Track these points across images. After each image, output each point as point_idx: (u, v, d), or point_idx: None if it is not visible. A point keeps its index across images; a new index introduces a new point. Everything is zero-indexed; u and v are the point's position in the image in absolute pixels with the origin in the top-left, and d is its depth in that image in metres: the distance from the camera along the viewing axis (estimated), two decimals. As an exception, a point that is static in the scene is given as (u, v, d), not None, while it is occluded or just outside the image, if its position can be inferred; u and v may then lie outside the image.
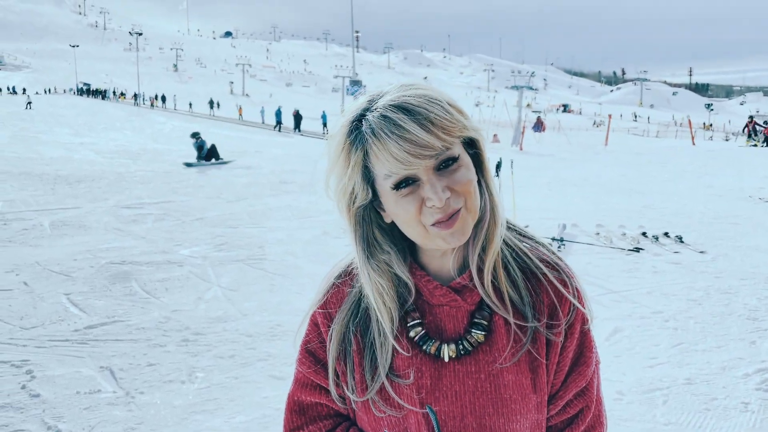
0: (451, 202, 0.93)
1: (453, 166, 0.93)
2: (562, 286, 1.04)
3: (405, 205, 0.94)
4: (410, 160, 0.90)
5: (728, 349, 4.75)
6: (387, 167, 0.92)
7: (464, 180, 0.94)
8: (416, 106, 0.91)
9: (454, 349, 1.01)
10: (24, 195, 11.30)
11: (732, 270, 6.91)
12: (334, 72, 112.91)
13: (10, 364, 4.35)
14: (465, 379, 1.01)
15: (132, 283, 6.27)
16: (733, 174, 15.84)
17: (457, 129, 0.93)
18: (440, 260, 1.04)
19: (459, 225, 0.94)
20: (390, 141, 0.90)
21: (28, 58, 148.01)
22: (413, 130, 0.89)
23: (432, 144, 0.90)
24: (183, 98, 73.64)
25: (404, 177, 0.92)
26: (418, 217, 0.94)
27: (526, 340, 1.01)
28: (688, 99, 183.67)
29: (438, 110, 0.91)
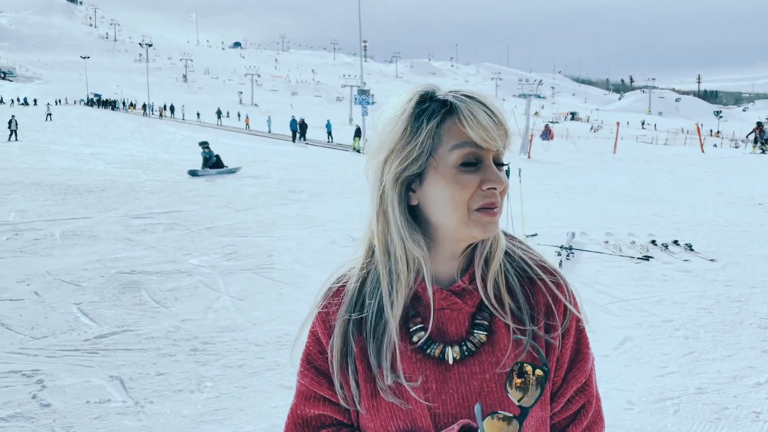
0: (498, 194, 0.99)
1: (501, 168, 1.01)
2: (557, 289, 1.08)
3: (464, 183, 0.97)
4: (494, 136, 0.96)
5: (739, 357, 4.71)
6: (474, 133, 0.96)
7: (506, 182, 0.99)
8: (494, 103, 0.99)
9: (458, 350, 1.02)
10: (35, 205, 11.40)
11: (743, 278, 6.86)
12: (342, 81, 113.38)
13: (21, 373, 4.38)
14: (470, 381, 1.02)
15: (142, 293, 6.30)
16: (742, 181, 15.75)
17: (509, 139, 1.00)
18: (447, 263, 1.05)
19: (497, 218, 1.00)
20: (480, 111, 0.96)
21: (40, 69, 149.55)
22: (499, 115, 0.98)
23: (507, 131, 0.99)
24: (192, 108, 74.13)
25: (475, 155, 0.97)
26: (467, 198, 0.97)
27: (526, 342, 1.03)
28: (696, 106, 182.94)
29: (503, 115, 0.99)
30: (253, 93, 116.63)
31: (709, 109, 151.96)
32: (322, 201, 12.70)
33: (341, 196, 13.37)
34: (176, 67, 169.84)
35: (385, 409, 1.03)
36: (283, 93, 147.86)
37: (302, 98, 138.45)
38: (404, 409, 1.02)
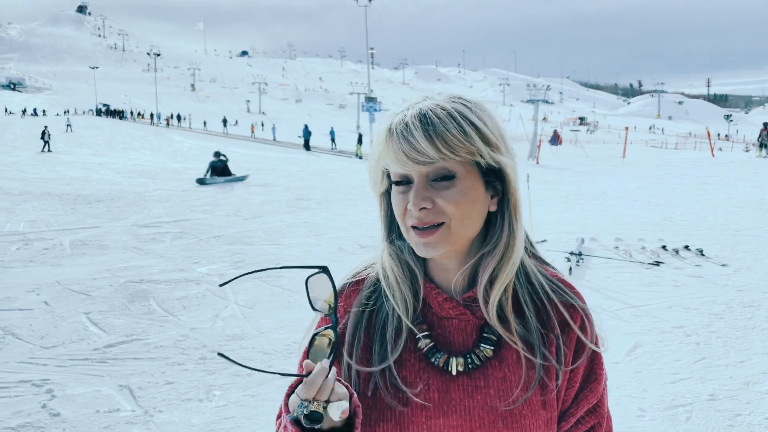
0: (430, 215, 0.96)
1: (444, 183, 0.96)
2: (572, 318, 1.04)
3: (397, 201, 1.00)
4: (404, 160, 0.95)
5: (752, 363, 4.66)
6: (387, 161, 0.98)
7: (452, 198, 0.96)
8: (434, 116, 0.95)
9: (462, 362, 1.01)
10: (45, 215, 11.47)
11: (754, 283, 6.79)
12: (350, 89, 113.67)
13: (31, 383, 4.39)
14: (474, 394, 1.00)
15: (150, 302, 6.32)
16: (753, 185, 15.63)
17: (464, 149, 0.95)
18: (444, 274, 1.05)
19: (434, 239, 0.97)
20: (395, 140, 0.96)
21: (49, 80, 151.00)
22: (416, 135, 0.94)
23: (427, 152, 0.93)
24: (200, 117, 74.53)
25: (402, 175, 0.98)
26: (403, 216, 0.99)
27: (537, 374, 1.01)
28: (706, 110, 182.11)
29: (452, 125, 0.94)
30: (260, 101, 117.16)
31: (719, 113, 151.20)
32: (329, 208, 12.70)
33: (348, 204, 13.38)
34: (184, 77, 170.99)
35: (378, 410, 1.01)
36: (290, 101, 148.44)
37: (310, 106, 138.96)
38: (397, 414, 1.00)
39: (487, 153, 0.97)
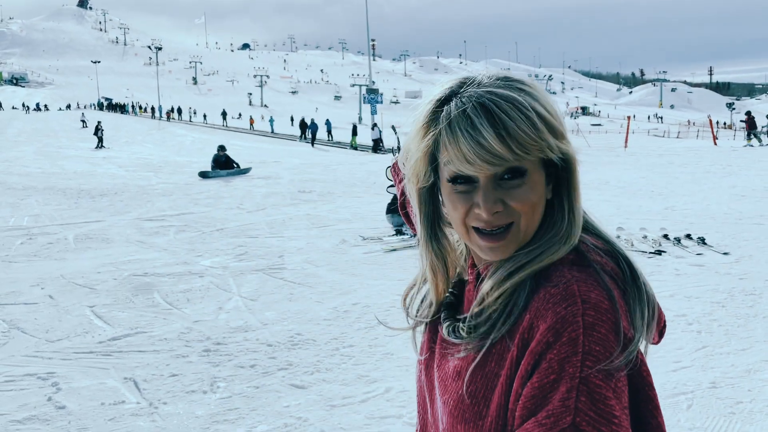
0: (501, 217, 0.89)
1: (515, 182, 0.89)
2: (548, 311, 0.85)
3: (455, 202, 0.92)
4: (477, 163, 0.87)
5: (753, 351, 4.67)
6: (453, 161, 0.89)
7: (523, 199, 0.89)
8: (499, 111, 0.87)
9: (447, 330, 0.98)
10: (48, 209, 11.51)
11: (756, 271, 6.80)
12: (351, 80, 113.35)
13: (36, 376, 4.43)
14: (442, 362, 1.00)
15: (154, 295, 6.35)
16: (755, 174, 15.59)
17: (537, 148, 0.88)
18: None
19: (503, 243, 0.91)
20: (462, 139, 0.87)
21: (51, 74, 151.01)
22: (488, 137, 0.86)
23: (503, 155, 0.86)
24: (203, 111, 74.49)
25: (462, 175, 0.90)
26: (463, 218, 0.91)
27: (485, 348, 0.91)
28: (708, 99, 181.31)
29: (522, 122, 0.86)
30: (262, 94, 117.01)
31: (721, 101, 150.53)
32: (331, 201, 12.72)
33: (351, 196, 13.39)
34: (186, 70, 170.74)
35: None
36: (294, 93, 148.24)
37: (313, 98, 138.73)
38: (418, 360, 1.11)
39: (556, 147, 0.90)
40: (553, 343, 0.82)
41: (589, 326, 0.83)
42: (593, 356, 0.81)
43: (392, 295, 6.04)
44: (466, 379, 0.92)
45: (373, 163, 21.10)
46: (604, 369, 0.81)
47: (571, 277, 0.88)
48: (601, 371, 0.81)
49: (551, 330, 0.83)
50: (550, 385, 0.81)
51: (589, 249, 0.94)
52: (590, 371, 0.81)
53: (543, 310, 0.86)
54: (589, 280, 0.88)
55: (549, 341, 0.83)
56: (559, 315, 0.84)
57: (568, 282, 0.87)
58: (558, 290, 0.86)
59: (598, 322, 0.83)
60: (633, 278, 0.92)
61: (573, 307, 0.84)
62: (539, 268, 0.91)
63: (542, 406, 0.81)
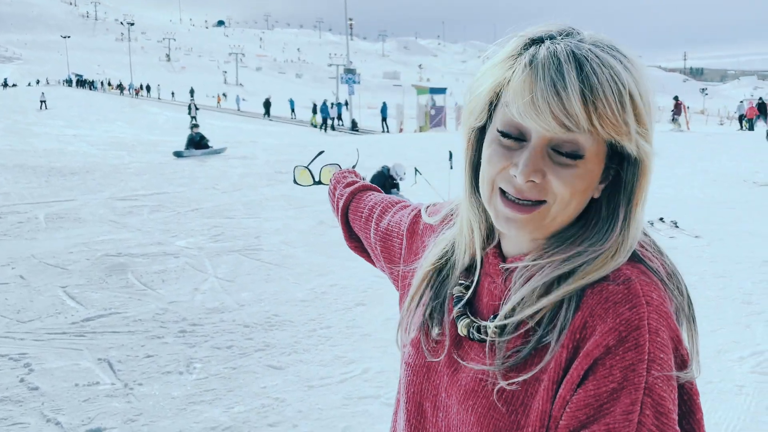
0: (534, 190, 0.79)
1: (569, 161, 0.78)
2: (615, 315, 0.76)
3: (493, 155, 0.81)
4: (546, 116, 0.75)
5: (723, 333, 4.78)
6: (518, 105, 0.77)
7: (570, 181, 0.78)
8: (594, 72, 0.75)
9: (466, 326, 0.88)
10: (18, 188, 11.25)
11: (727, 254, 6.94)
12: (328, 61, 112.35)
13: (8, 357, 4.35)
14: (468, 361, 0.88)
15: (128, 275, 6.27)
16: (728, 159, 15.87)
17: (615, 128, 0.76)
18: (509, 240, 0.90)
19: (526, 218, 0.80)
20: (542, 82, 0.75)
21: (20, 49, 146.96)
22: (572, 92, 0.74)
23: (578, 120, 0.75)
24: (176, 89, 73.28)
25: (517, 127, 0.79)
26: (494, 176, 0.81)
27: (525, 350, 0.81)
28: (681, 84, 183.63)
29: (612, 95, 0.75)
30: (237, 72, 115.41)
31: (695, 87, 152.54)
32: (309, 181, 12.63)
33: (328, 177, 13.31)
34: (159, 47, 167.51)
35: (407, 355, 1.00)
36: (268, 72, 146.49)
37: (290, 77, 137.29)
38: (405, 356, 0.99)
39: (635, 136, 0.78)
40: (614, 348, 0.74)
41: (654, 331, 0.74)
42: (658, 364, 0.74)
43: (371, 276, 6.04)
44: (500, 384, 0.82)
45: (350, 144, 21.00)
46: (666, 378, 0.74)
47: (631, 275, 0.79)
48: (665, 381, 0.74)
49: (613, 333, 0.74)
50: (609, 394, 0.73)
51: (644, 247, 0.85)
52: (655, 381, 0.73)
53: (601, 309, 0.77)
54: (650, 280, 0.79)
55: (609, 345, 0.74)
56: (623, 317, 0.75)
57: (629, 280, 0.78)
58: (618, 288, 0.77)
59: (661, 327, 0.75)
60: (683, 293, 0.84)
61: (638, 309, 0.75)
62: (587, 284, 0.79)
63: (599, 416, 0.73)
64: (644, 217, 0.84)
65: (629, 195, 0.82)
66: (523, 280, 0.84)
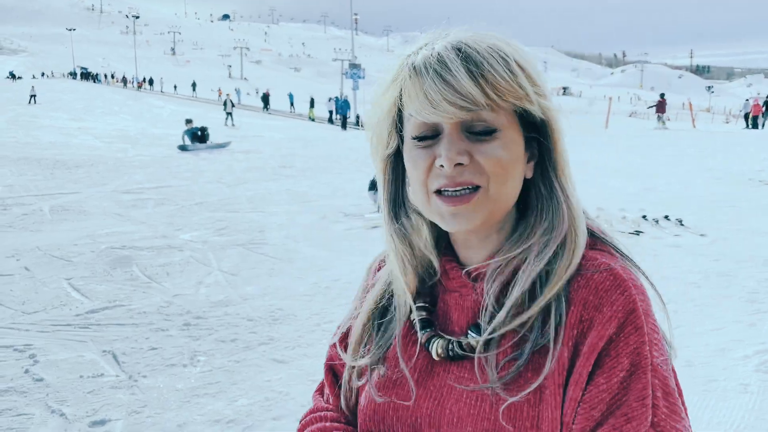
0: (465, 173, 0.78)
1: (486, 137, 0.78)
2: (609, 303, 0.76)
3: (416, 158, 0.80)
4: (441, 105, 0.76)
5: (727, 331, 4.77)
6: (415, 106, 0.78)
7: (494, 155, 0.78)
8: (474, 51, 0.77)
9: (444, 347, 0.84)
10: (23, 180, 11.28)
11: (731, 253, 6.92)
12: (333, 55, 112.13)
13: (13, 348, 4.37)
14: (454, 383, 0.83)
15: (133, 268, 6.28)
16: (733, 157, 15.81)
17: (512, 94, 0.78)
18: (465, 251, 0.88)
19: (468, 207, 0.78)
20: (428, 78, 0.77)
21: (25, 42, 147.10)
22: (458, 74, 0.75)
23: (474, 97, 0.75)
24: (180, 82, 73.31)
25: (428, 125, 0.79)
26: (424, 179, 0.80)
27: (524, 355, 0.78)
28: (688, 81, 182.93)
29: (498, 65, 0.77)
30: (242, 66, 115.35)
31: (702, 84, 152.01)
32: (312, 176, 12.64)
33: (332, 172, 13.32)
34: (164, 40, 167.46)
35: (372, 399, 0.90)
36: (273, 67, 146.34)
37: (294, 72, 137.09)
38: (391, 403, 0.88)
39: (535, 98, 0.80)
40: (615, 336, 0.74)
41: (647, 313, 0.76)
42: (657, 345, 0.75)
43: (374, 271, 6.03)
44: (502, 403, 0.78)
45: (355, 139, 20.99)
46: (665, 358, 0.75)
47: (609, 261, 0.80)
48: (664, 361, 0.75)
49: (612, 321, 0.75)
50: (620, 383, 0.73)
51: (602, 231, 0.87)
52: (658, 362, 0.74)
53: (594, 300, 0.76)
54: (625, 263, 0.81)
55: (611, 334, 0.74)
56: (617, 304, 0.75)
57: (609, 267, 0.79)
58: (603, 276, 0.78)
59: (649, 308, 0.77)
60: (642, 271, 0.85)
61: (629, 293, 0.76)
62: (569, 277, 0.79)
63: (614, 409, 0.73)
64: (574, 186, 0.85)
65: (554, 164, 0.83)
66: (498, 285, 0.82)
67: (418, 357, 0.87)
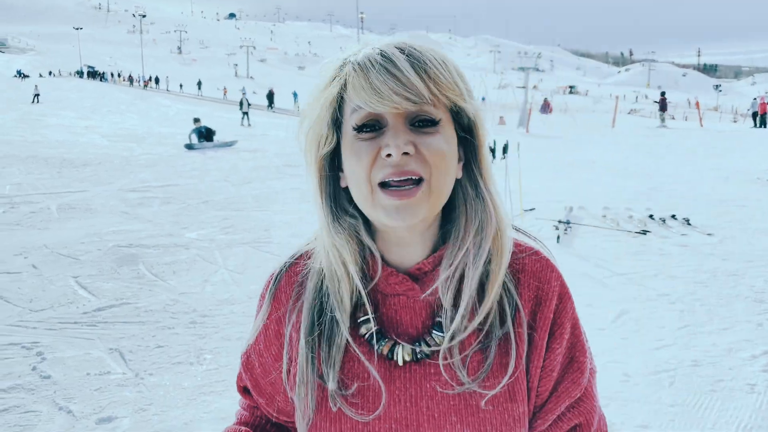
0: (411, 163, 0.80)
1: (429, 129, 0.81)
2: (546, 280, 0.90)
3: (360, 151, 0.81)
4: (388, 95, 0.78)
5: (734, 331, 4.75)
6: (361, 96, 0.80)
7: (437, 147, 0.81)
8: (416, 51, 0.82)
9: (409, 352, 0.86)
10: (31, 178, 11.33)
11: (739, 252, 6.89)
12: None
13: (21, 345, 4.39)
14: (422, 381, 0.86)
15: (139, 266, 6.30)
16: (740, 156, 15.73)
17: (451, 90, 0.82)
18: (398, 251, 0.89)
19: (413, 201, 0.80)
20: (374, 71, 0.79)
21: (32, 40, 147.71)
22: (404, 68, 0.79)
23: (418, 89, 0.79)
24: (186, 81, 73.48)
25: (371, 117, 0.81)
26: (368, 171, 0.81)
27: (488, 360, 0.86)
28: (696, 80, 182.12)
29: (438, 63, 0.82)
30: (248, 65, 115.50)
31: (709, 83, 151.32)
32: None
33: (338, 170, 13.31)
34: (170, 39, 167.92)
35: (337, 421, 0.88)
36: (278, 65, 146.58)
37: (300, 70, 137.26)
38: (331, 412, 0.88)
39: (468, 98, 0.84)
40: (557, 307, 0.90)
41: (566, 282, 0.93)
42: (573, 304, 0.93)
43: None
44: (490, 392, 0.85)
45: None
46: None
47: (530, 245, 0.94)
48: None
49: (553, 296, 0.90)
50: (568, 343, 0.91)
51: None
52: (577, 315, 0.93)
53: (535, 282, 0.90)
54: (537, 244, 0.95)
55: (557, 305, 0.90)
56: (552, 281, 0.90)
57: (533, 249, 0.92)
58: (536, 259, 0.91)
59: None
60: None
61: (555, 268, 0.92)
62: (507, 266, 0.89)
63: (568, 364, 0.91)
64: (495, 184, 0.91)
65: (479, 165, 0.88)
66: (453, 291, 0.86)
67: (378, 366, 0.87)
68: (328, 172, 0.89)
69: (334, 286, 0.90)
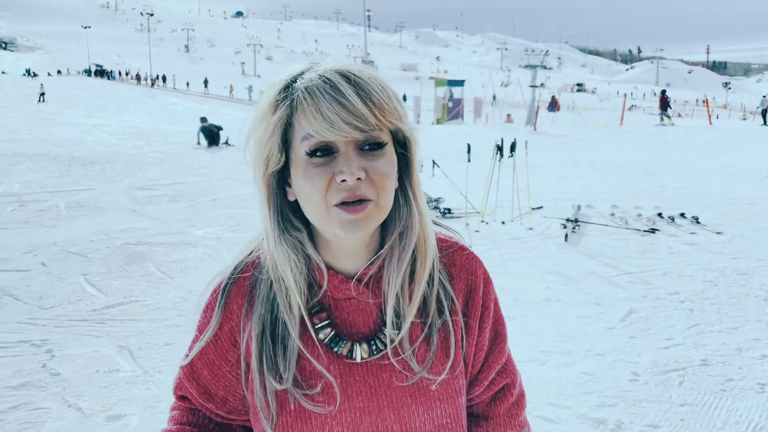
0: (362, 187, 0.87)
1: (377, 152, 0.88)
2: (474, 271, 1.04)
3: (314, 176, 0.87)
4: (339, 125, 0.84)
5: (744, 330, 4.72)
6: (313, 126, 0.85)
7: (383, 171, 0.88)
8: (359, 77, 0.87)
9: (366, 349, 0.96)
10: (39, 176, 11.40)
11: (749, 251, 6.84)
12: (346, 52, 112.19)
13: (30, 343, 4.42)
14: (379, 373, 0.96)
15: (148, 264, 6.33)
16: (749, 153, 15.63)
17: (393, 115, 0.89)
18: (344, 260, 0.97)
19: (364, 215, 0.88)
20: (324, 100, 0.85)
21: (41, 39, 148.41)
22: (350, 97, 0.84)
23: (366, 117, 0.85)
24: (193, 79, 73.67)
25: (323, 144, 0.86)
26: (324, 194, 0.87)
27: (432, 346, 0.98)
28: (705, 77, 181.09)
29: (378, 89, 0.88)
30: (255, 63, 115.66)
31: (718, 81, 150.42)
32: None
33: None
34: (178, 37, 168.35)
35: (300, 418, 0.95)
36: (285, 63, 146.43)
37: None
38: (297, 409, 0.95)
39: (404, 119, 0.92)
40: (485, 290, 1.05)
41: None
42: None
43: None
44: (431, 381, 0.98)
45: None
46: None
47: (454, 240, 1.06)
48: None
49: (480, 284, 1.04)
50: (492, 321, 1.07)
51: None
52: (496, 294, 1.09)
53: (464, 274, 1.03)
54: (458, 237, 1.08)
55: (484, 291, 1.04)
56: (478, 271, 1.05)
57: (459, 245, 1.05)
58: (463, 253, 1.05)
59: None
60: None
61: (477, 258, 1.06)
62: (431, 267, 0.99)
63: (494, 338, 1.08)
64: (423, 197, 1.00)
65: (410, 175, 0.96)
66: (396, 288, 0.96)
67: (337, 365, 0.96)
68: (276, 188, 0.95)
69: (282, 295, 0.96)
